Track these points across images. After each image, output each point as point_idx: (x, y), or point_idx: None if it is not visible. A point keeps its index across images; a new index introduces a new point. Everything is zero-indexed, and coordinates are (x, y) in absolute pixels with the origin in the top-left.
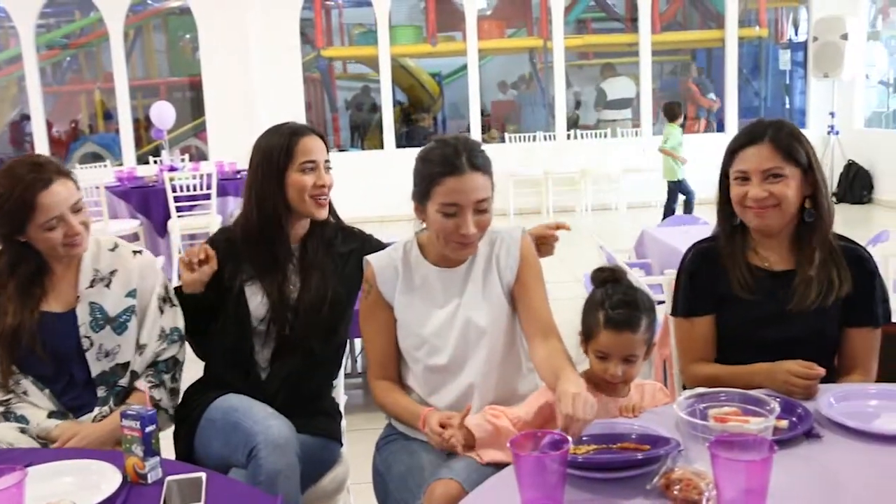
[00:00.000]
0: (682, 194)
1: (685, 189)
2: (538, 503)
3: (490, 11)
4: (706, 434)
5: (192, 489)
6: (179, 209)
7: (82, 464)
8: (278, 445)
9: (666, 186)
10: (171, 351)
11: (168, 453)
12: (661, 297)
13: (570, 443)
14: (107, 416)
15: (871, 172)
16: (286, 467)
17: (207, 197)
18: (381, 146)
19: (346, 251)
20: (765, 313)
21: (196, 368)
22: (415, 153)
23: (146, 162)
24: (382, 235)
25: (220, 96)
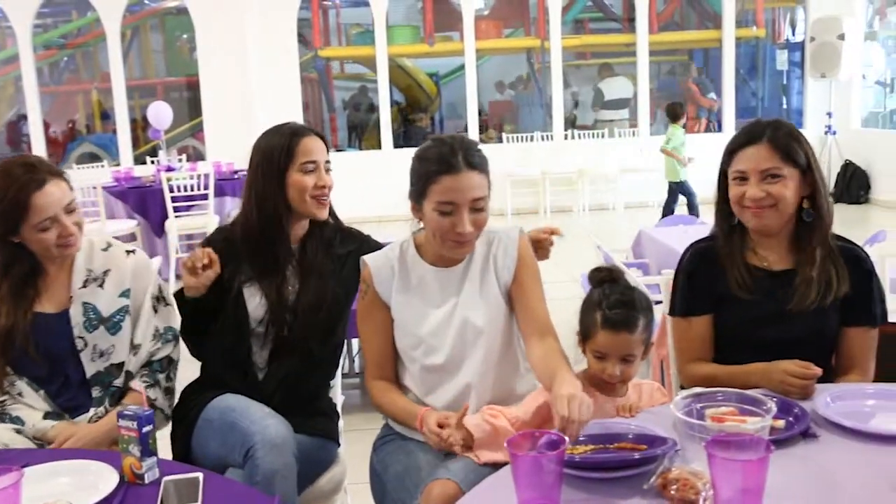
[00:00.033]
0: (683, 195)
1: (687, 190)
2: (535, 503)
3: (487, 11)
4: (703, 434)
5: (189, 489)
6: (177, 209)
7: (79, 464)
8: (275, 445)
9: (666, 186)
10: (166, 350)
11: (165, 453)
12: (658, 297)
13: (566, 443)
14: (103, 416)
15: (868, 172)
16: (283, 467)
17: (205, 197)
18: (379, 146)
19: (344, 252)
20: (763, 313)
21: (193, 368)
22: (412, 153)
23: (143, 162)
24: (380, 235)
25: (217, 96)
